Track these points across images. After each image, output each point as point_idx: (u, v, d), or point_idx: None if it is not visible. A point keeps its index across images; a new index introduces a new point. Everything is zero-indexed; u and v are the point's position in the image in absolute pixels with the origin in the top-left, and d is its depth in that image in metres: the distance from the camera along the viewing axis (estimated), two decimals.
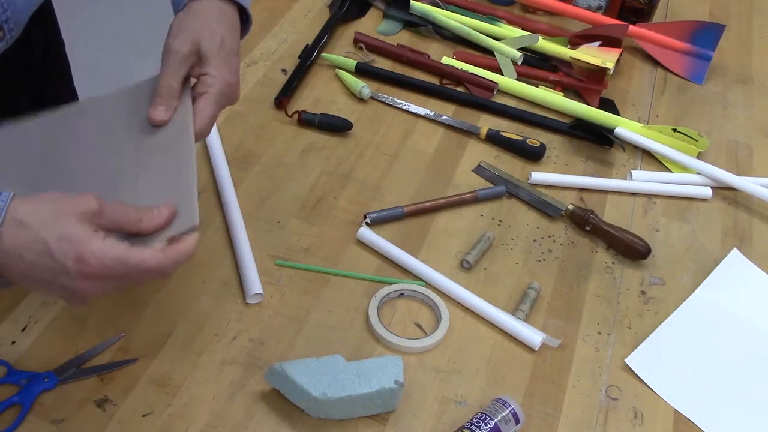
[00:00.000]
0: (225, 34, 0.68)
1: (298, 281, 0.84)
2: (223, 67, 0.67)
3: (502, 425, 0.70)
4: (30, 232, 0.54)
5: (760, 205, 1.02)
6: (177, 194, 0.64)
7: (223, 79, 0.67)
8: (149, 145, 0.67)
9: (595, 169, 1.05)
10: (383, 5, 1.29)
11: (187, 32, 0.66)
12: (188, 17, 0.67)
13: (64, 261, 0.54)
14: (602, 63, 1.15)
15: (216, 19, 0.68)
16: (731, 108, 1.20)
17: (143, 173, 0.66)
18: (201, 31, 0.66)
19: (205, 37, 0.66)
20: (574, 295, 0.87)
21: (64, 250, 0.54)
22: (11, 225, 0.54)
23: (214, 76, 0.66)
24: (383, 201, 0.95)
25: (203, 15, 0.68)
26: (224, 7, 0.69)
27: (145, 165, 0.67)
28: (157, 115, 0.66)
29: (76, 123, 0.70)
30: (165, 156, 0.67)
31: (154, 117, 0.66)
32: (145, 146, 0.67)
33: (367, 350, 0.78)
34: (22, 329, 0.75)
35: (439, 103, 1.12)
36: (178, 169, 0.66)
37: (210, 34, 0.66)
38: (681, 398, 0.78)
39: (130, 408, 0.70)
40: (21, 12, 0.72)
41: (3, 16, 0.69)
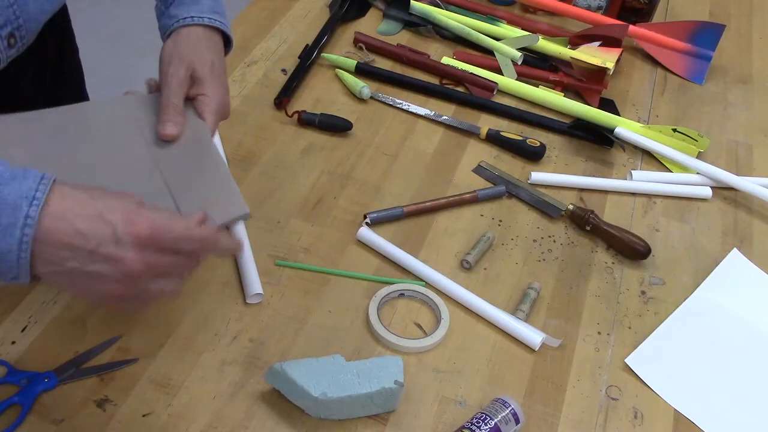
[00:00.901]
0: (214, 58, 0.75)
1: (298, 281, 0.84)
2: (218, 87, 0.74)
3: (502, 425, 0.70)
4: (78, 199, 0.53)
5: (760, 205, 1.02)
6: (219, 187, 0.71)
7: (218, 97, 0.74)
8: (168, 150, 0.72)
9: (595, 169, 1.05)
10: (383, 5, 1.29)
11: (180, 58, 0.73)
12: (179, 44, 0.73)
13: (115, 223, 0.52)
14: (602, 63, 1.15)
15: (205, 45, 0.75)
16: (731, 108, 1.20)
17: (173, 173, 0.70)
18: (193, 56, 0.73)
19: (198, 62, 0.73)
20: (574, 295, 0.87)
21: (114, 213, 0.53)
22: (57, 195, 0.52)
23: (210, 96, 0.74)
24: (383, 201, 0.95)
25: (192, 41, 0.74)
26: (209, 33, 0.76)
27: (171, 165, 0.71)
28: (168, 129, 0.71)
29: (86, 122, 0.72)
30: (190, 156, 0.72)
31: (165, 132, 0.71)
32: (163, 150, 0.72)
33: (367, 350, 0.78)
34: (22, 329, 0.75)
35: (439, 103, 1.12)
36: (212, 166, 0.73)
37: (201, 59, 0.73)
38: (681, 398, 0.78)
39: (130, 408, 0.70)
40: (33, 20, 0.73)
41: (15, 23, 0.70)
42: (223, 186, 0.72)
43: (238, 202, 0.72)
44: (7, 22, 0.69)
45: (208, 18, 0.76)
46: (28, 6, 0.71)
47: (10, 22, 0.70)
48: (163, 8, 0.78)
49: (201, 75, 0.73)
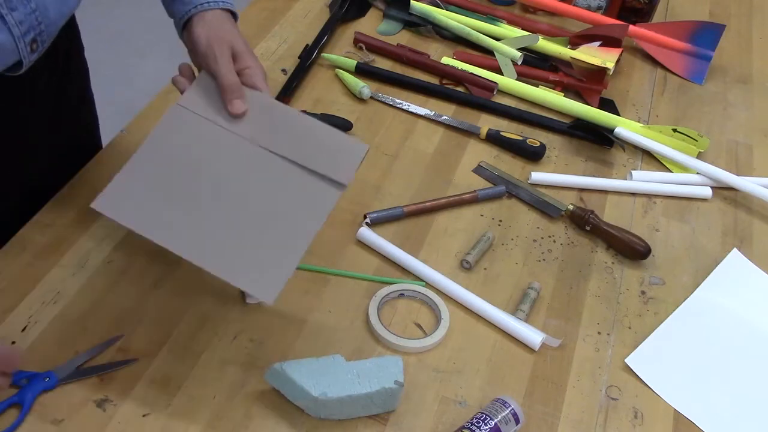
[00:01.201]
0: (241, 34, 0.80)
1: (298, 281, 0.84)
2: (255, 59, 0.79)
3: (502, 425, 0.70)
4: None
5: (760, 205, 1.02)
6: (330, 139, 0.76)
7: (261, 66, 0.79)
8: (266, 134, 0.75)
9: (595, 169, 1.05)
10: (383, 5, 1.29)
11: (221, 39, 0.77)
12: (212, 27, 0.77)
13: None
14: (602, 63, 1.15)
15: (232, 25, 0.80)
16: (731, 108, 1.20)
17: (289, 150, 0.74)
18: (229, 36, 0.77)
19: (234, 40, 0.77)
20: (574, 295, 0.87)
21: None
22: None
23: (255, 67, 0.78)
24: (383, 201, 0.95)
25: (221, 23, 0.78)
26: (228, 15, 0.80)
27: (281, 144, 0.74)
28: (237, 107, 0.74)
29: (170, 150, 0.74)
30: (285, 127, 0.76)
31: (235, 110, 0.74)
32: (263, 136, 0.75)
33: (367, 350, 0.78)
34: (22, 329, 0.75)
35: (439, 103, 1.12)
36: (308, 125, 0.77)
37: (235, 37, 0.78)
38: (681, 398, 0.78)
39: (130, 408, 0.70)
40: (53, 24, 0.74)
41: (37, 29, 0.71)
42: (331, 136, 0.76)
43: (355, 144, 0.76)
44: (30, 28, 0.70)
45: (223, 2, 0.80)
46: (48, 11, 0.72)
47: (33, 28, 0.70)
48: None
49: (240, 50, 0.77)
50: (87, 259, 0.82)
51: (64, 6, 0.75)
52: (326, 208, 0.72)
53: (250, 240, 0.68)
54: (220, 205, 0.70)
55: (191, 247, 0.66)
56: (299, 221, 0.71)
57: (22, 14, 0.68)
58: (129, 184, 0.68)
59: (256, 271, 0.67)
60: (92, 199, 0.67)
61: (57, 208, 0.87)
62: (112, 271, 0.81)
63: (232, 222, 0.69)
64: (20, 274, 0.80)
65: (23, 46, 0.70)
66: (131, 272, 0.82)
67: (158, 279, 0.81)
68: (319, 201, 0.72)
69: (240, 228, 0.69)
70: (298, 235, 0.70)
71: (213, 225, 0.68)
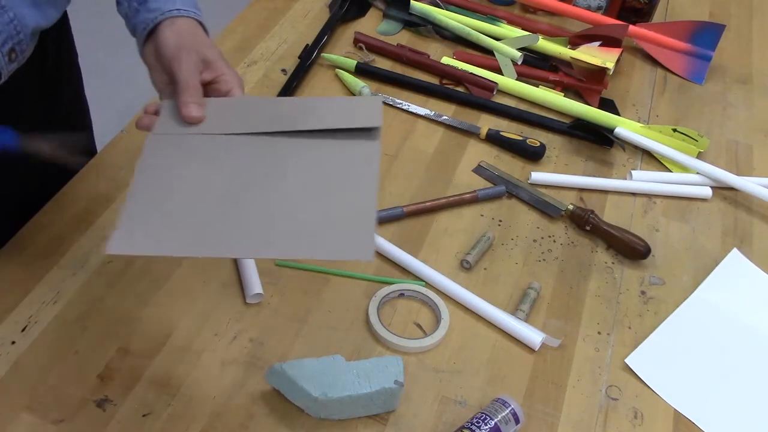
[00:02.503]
0: (213, 43, 0.75)
1: (298, 281, 0.84)
2: (231, 67, 0.74)
3: (502, 425, 0.70)
4: None
5: (760, 205, 1.02)
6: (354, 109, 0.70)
7: (237, 74, 0.74)
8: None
9: (595, 169, 1.05)
10: (383, 5, 1.29)
11: (187, 44, 0.72)
12: (181, 34, 0.73)
13: None
14: (602, 63, 1.15)
15: (203, 34, 0.75)
16: (731, 108, 1.20)
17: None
18: (199, 45, 0.72)
19: (205, 48, 0.73)
20: (574, 295, 0.87)
21: None
22: None
23: (230, 74, 0.73)
24: (383, 201, 0.95)
25: (191, 31, 0.74)
26: (196, 23, 0.76)
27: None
28: (193, 111, 0.69)
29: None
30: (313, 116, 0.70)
31: (190, 114, 0.69)
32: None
33: (367, 350, 0.78)
34: (22, 329, 0.75)
35: (439, 103, 1.12)
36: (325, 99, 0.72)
37: (207, 45, 0.73)
38: (681, 398, 0.78)
39: (130, 408, 0.70)
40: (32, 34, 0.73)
41: (16, 38, 0.70)
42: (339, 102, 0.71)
43: (367, 97, 0.72)
44: (8, 38, 0.70)
45: (193, 12, 0.76)
46: (26, 20, 0.71)
47: (11, 38, 0.70)
48: (137, 5, 0.76)
49: (213, 58, 0.73)
50: (87, 259, 0.82)
51: (42, 18, 0.74)
52: (373, 158, 0.66)
53: (311, 214, 0.62)
54: (256, 198, 0.63)
55: (248, 244, 0.60)
56: (352, 180, 0.64)
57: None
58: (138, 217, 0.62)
59: (338, 239, 0.60)
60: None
61: (57, 208, 0.87)
62: (112, 271, 0.82)
63: (280, 207, 0.63)
64: (20, 274, 0.80)
65: (1, 56, 0.69)
66: (131, 272, 0.82)
67: (158, 279, 0.81)
68: (361, 155, 0.66)
69: (292, 209, 0.62)
70: (360, 191, 0.63)
71: (261, 217, 0.62)
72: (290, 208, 0.62)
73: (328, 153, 0.67)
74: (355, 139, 0.67)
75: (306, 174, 0.65)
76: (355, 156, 0.66)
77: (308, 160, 0.66)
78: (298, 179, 0.65)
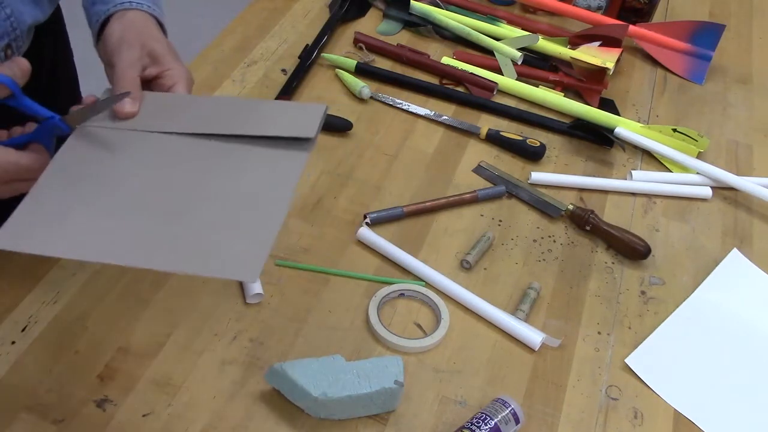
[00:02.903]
0: (167, 40, 0.73)
1: (298, 281, 0.84)
2: (179, 63, 0.71)
3: (502, 425, 0.70)
4: None
5: (760, 205, 1.02)
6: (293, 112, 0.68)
7: (185, 71, 0.71)
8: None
9: (595, 169, 1.05)
10: (383, 5, 1.29)
11: (132, 36, 0.69)
12: (127, 27, 0.70)
13: None
14: (602, 63, 1.15)
15: (154, 27, 0.72)
16: (731, 108, 1.20)
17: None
18: (146, 37, 0.70)
19: (152, 41, 0.70)
20: (574, 295, 0.87)
21: None
22: None
23: (176, 69, 0.70)
24: (383, 201, 0.95)
25: (140, 23, 0.71)
26: (150, 18, 0.73)
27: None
28: (126, 107, 0.66)
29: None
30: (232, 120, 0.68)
31: (123, 110, 0.66)
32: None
33: (367, 350, 0.78)
34: (22, 329, 0.75)
35: (439, 103, 1.12)
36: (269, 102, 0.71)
37: (155, 38, 0.71)
38: (681, 398, 0.78)
39: (130, 408, 0.70)
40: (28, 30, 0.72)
41: (12, 35, 0.70)
42: (283, 107, 0.70)
43: (312, 105, 0.68)
44: (4, 34, 0.69)
45: (148, 6, 0.73)
46: (24, 17, 0.71)
47: (7, 34, 0.70)
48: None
49: (160, 52, 0.70)
50: None
51: (40, 13, 0.74)
52: (295, 172, 0.64)
53: (211, 227, 0.59)
54: (163, 203, 0.61)
55: (137, 253, 0.57)
56: (266, 193, 0.62)
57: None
58: (35, 212, 0.60)
59: (226, 255, 0.57)
60: None
61: None
62: (113, 271, 0.81)
63: (184, 216, 0.60)
64: (20, 274, 0.80)
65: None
66: (131, 272, 0.82)
67: (158, 279, 0.81)
68: (285, 167, 0.64)
69: (196, 219, 0.60)
70: (269, 206, 0.61)
71: (160, 225, 0.59)
72: (192, 217, 0.60)
73: (254, 161, 0.65)
74: (287, 148, 0.65)
75: (224, 182, 0.63)
76: (279, 167, 0.64)
77: (231, 168, 0.65)
78: (214, 187, 0.63)
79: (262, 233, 0.59)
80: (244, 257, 0.57)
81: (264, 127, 0.66)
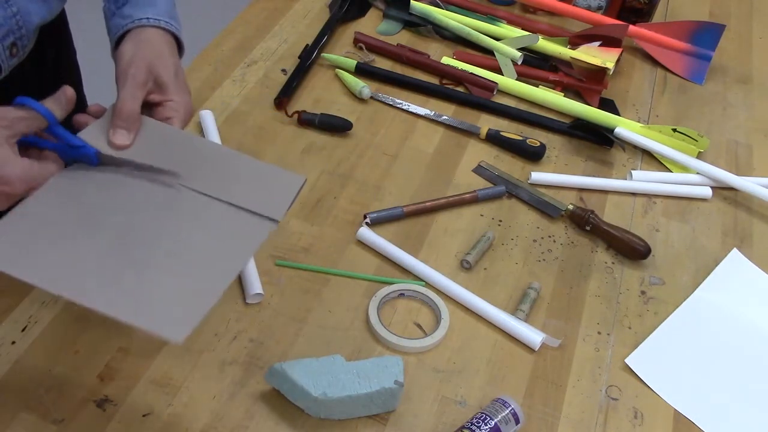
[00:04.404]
0: (177, 63, 0.72)
1: (298, 281, 0.84)
2: (184, 93, 0.71)
3: (502, 425, 0.70)
4: None
5: (760, 205, 1.02)
6: (260, 173, 0.69)
7: (186, 104, 0.71)
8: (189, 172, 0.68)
9: (595, 169, 1.05)
10: (383, 5, 1.29)
11: (142, 60, 0.68)
12: (140, 46, 0.70)
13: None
14: (602, 63, 1.15)
15: (168, 50, 0.71)
16: (731, 108, 1.20)
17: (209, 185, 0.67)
18: (156, 60, 0.69)
19: (161, 66, 0.69)
20: (574, 295, 0.87)
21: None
22: None
23: (178, 102, 0.70)
24: (383, 201, 0.95)
25: (154, 44, 0.70)
26: (168, 37, 0.72)
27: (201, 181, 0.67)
28: (120, 139, 0.66)
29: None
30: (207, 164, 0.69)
31: (117, 142, 0.66)
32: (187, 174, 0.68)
33: (367, 350, 0.78)
34: (22, 329, 0.75)
35: (439, 103, 1.12)
36: (234, 161, 0.71)
37: (164, 64, 0.70)
38: (681, 398, 0.78)
39: (130, 408, 0.70)
40: (34, 29, 0.72)
41: (18, 33, 0.70)
42: (262, 170, 0.70)
43: (291, 176, 0.69)
44: (9, 32, 0.69)
45: (165, 21, 0.72)
46: (31, 16, 0.71)
47: (12, 32, 0.70)
48: (114, 8, 0.74)
49: (165, 80, 0.70)
50: None
51: (45, 11, 0.74)
52: (253, 244, 0.66)
53: (159, 280, 0.61)
54: (124, 248, 0.62)
55: (82, 289, 0.59)
56: (221, 258, 0.63)
57: (1, 17, 0.67)
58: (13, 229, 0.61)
59: (162, 311, 0.59)
60: None
61: None
62: None
63: (138, 264, 0.61)
64: None
65: (1, 50, 0.69)
66: None
67: None
68: (246, 237, 0.65)
69: (148, 269, 0.61)
70: (219, 272, 0.62)
71: (114, 267, 0.61)
72: (147, 266, 0.62)
73: (223, 218, 0.66)
74: (257, 215, 0.66)
75: (189, 233, 0.65)
76: (245, 230, 0.66)
77: (200, 219, 0.66)
78: (179, 236, 0.64)
79: (203, 300, 0.60)
80: (177, 318, 0.58)
81: (238, 195, 0.67)
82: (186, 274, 0.62)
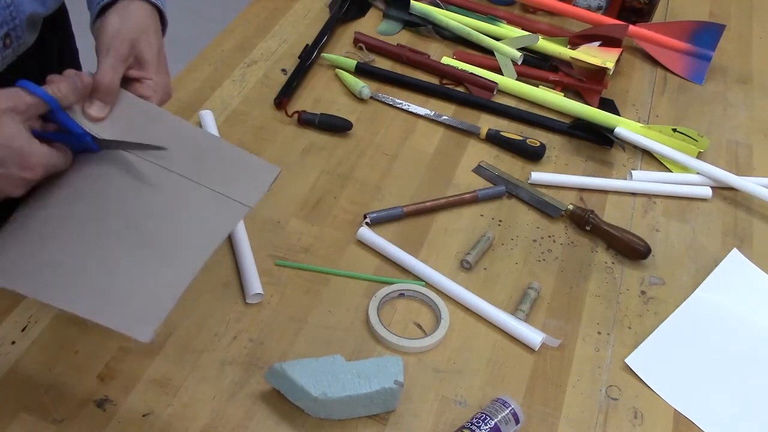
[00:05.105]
0: (160, 43, 0.71)
1: (298, 281, 0.84)
2: (164, 74, 0.71)
3: (502, 425, 0.70)
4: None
5: (760, 205, 1.02)
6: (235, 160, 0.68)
7: (165, 84, 0.70)
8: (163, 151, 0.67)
9: (595, 169, 1.05)
10: (383, 5, 1.29)
11: (126, 33, 0.68)
12: (125, 21, 0.69)
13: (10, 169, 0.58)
14: (602, 63, 1.15)
15: (153, 27, 0.71)
16: (731, 108, 1.20)
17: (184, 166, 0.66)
18: (140, 36, 0.68)
19: (145, 43, 0.69)
20: (574, 295, 0.87)
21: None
22: None
23: (157, 82, 0.69)
24: (383, 201, 0.95)
25: (140, 19, 0.70)
26: (154, 13, 0.71)
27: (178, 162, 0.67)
28: (96, 111, 0.66)
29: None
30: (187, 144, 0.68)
31: (93, 113, 0.66)
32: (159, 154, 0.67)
33: (367, 350, 0.78)
34: (22, 329, 0.75)
35: (439, 103, 1.12)
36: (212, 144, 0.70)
37: (149, 41, 0.69)
38: (681, 398, 0.78)
39: (130, 408, 0.70)
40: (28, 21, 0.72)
41: (11, 24, 0.70)
42: (239, 156, 0.68)
43: (266, 165, 0.68)
44: (3, 23, 0.69)
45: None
46: (24, 6, 0.71)
47: (6, 23, 0.69)
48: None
49: (147, 57, 0.69)
50: None
51: (40, 5, 0.73)
52: (223, 231, 0.64)
53: (124, 271, 0.60)
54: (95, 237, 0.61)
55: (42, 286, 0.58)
56: (191, 246, 0.62)
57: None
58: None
59: (127, 307, 0.58)
60: None
61: None
62: None
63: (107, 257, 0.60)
64: None
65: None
66: None
67: None
68: (217, 222, 0.64)
69: (117, 261, 0.60)
70: (186, 262, 0.61)
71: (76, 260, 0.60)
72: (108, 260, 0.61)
73: (198, 200, 0.65)
74: (230, 200, 0.66)
75: (159, 216, 0.64)
76: (218, 214, 0.65)
77: (174, 201, 0.65)
78: (149, 220, 0.63)
79: (168, 293, 0.59)
80: (142, 317, 0.58)
81: (213, 178, 0.66)
82: (154, 266, 0.61)
